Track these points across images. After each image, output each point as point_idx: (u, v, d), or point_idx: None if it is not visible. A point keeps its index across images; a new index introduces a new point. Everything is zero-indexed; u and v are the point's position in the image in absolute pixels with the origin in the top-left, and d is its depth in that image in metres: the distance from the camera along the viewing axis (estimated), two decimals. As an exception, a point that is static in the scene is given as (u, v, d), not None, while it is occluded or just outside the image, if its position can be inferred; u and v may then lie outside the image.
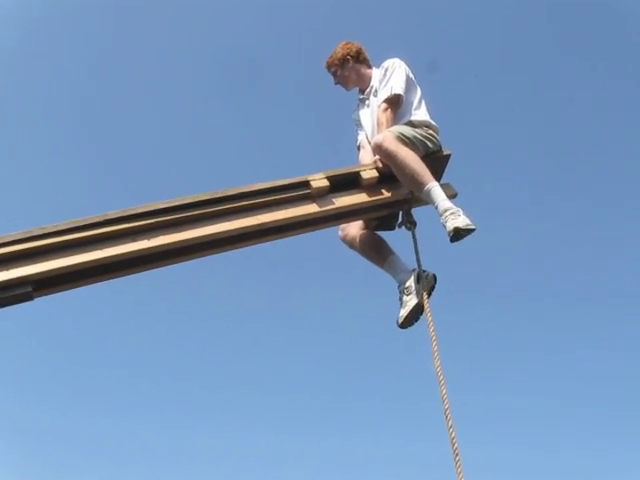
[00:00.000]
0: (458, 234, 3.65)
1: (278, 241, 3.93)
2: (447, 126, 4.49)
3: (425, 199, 3.93)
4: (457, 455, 3.38)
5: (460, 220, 3.65)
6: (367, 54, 4.72)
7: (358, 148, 4.66)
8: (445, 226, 3.68)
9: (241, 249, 3.83)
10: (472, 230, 3.67)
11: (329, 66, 4.69)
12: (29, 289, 3.14)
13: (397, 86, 4.29)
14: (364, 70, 4.66)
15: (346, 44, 4.68)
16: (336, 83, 4.72)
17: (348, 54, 4.63)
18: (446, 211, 3.73)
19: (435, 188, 3.86)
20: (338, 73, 4.65)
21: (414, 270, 4.09)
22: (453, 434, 3.44)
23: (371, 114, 4.51)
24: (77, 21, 14.82)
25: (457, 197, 4.13)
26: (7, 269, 3.12)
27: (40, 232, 3.22)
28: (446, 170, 4.31)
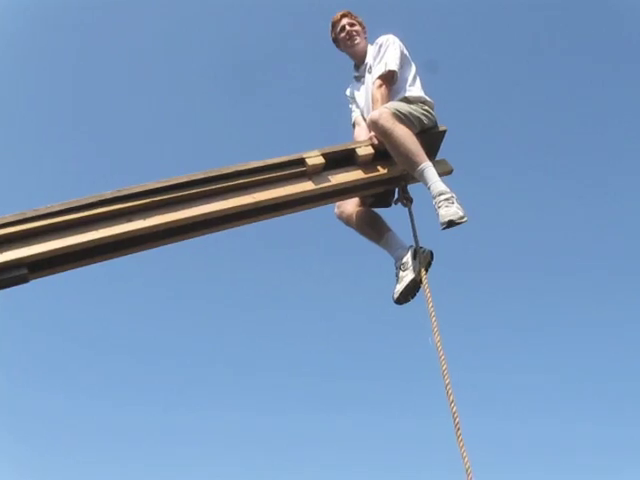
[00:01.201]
0: (451, 225, 3.65)
1: (273, 219, 3.91)
2: (444, 102, 4.47)
3: (418, 179, 3.91)
4: (459, 430, 3.39)
5: (453, 211, 3.64)
6: None
7: (353, 125, 4.64)
8: (438, 213, 3.68)
9: (237, 228, 3.80)
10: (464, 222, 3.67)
11: (352, 16, 4.65)
12: (24, 271, 3.12)
13: (391, 62, 4.26)
14: (366, 47, 4.65)
15: None
16: (350, 32, 4.60)
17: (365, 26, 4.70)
18: (440, 195, 3.72)
19: (429, 169, 3.84)
20: (357, 27, 4.61)
21: (411, 246, 4.07)
22: (454, 409, 3.44)
23: (366, 91, 4.48)
24: (75, 15, 14.69)
25: (453, 173, 4.15)
26: (1, 252, 3.09)
27: (34, 214, 3.18)
28: (442, 146, 4.29)
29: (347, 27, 4.60)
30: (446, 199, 3.70)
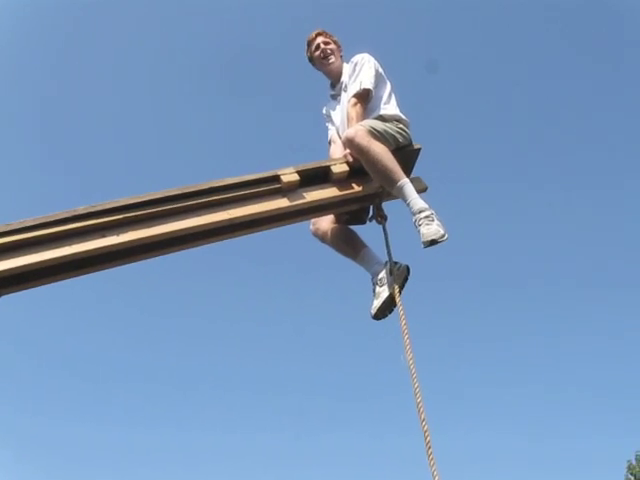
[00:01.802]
0: (433, 244, 3.66)
1: (249, 236, 3.93)
2: (418, 120, 4.51)
3: (396, 195, 3.94)
4: (430, 448, 3.39)
5: (434, 230, 3.66)
6: None
7: (329, 143, 4.67)
8: (419, 231, 3.70)
9: (212, 244, 3.81)
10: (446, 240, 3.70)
11: (327, 35, 4.70)
12: (-4, 286, 3.12)
13: (366, 81, 4.31)
14: (342, 66, 4.69)
15: None
16: (325, 50, 4.66)
17: (341, 46, 4.75)
18: (420, 212, 3.75)
19: (407, 185, 3.88)
20: (332, 46, 4.67)
21: (387, 262, 4.09)
22: (425, 427, 3.44)
23: (341, 109, 4.52)
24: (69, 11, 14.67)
25: (428, 190, 4.18)
26: (-27, 267, 3.08)
27: (6, 229, 3.18)
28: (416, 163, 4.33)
29: (322, 45, 4.67)
30: (426, 216, 3.73)
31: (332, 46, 4.67)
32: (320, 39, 4.68)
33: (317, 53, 4.67)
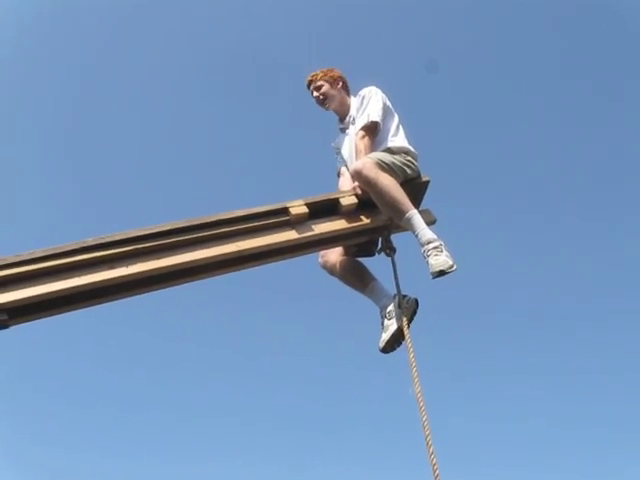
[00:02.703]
0: (441, 275, 3.65)
1: (257, 268, 3.93)
2: (426, 151, 4.53)
3: (405, 226, 3.94)
4: (439, 482, 3.35)
5: (442, 260, 3.64)
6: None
7: (338, 176, 4.69)
8: (428, 262, 3.69)
9: (220, 276, 3.82)
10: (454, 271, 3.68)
11: (317, 78, 4.70)
12: (5, 317, 3.13)
13: (374, 114, 4.33)
14: (347, 98, 4.72)
15: (333, 69, 4.77)
16: (317, 97, 4.71)
17: (340, 77, 4.74)
18: (429, 243, 3.74)
19: (415, 216, 3.87)
20: (323, 89, 4.67)
21: (396, 295, 4.08)
22: (434, 460, 3.40)
23: (350, 142, 4.54)
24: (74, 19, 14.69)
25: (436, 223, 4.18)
26: (-18, 297, 3.09)
27: (15, 259, 3.20)
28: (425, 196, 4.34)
29: (314, 93, 4.71)
30: (435, 247, 3.72)
31: (325, 89, 4.66)
32: (312, 86, 4.72)
33: (314, 99, 4.73)
